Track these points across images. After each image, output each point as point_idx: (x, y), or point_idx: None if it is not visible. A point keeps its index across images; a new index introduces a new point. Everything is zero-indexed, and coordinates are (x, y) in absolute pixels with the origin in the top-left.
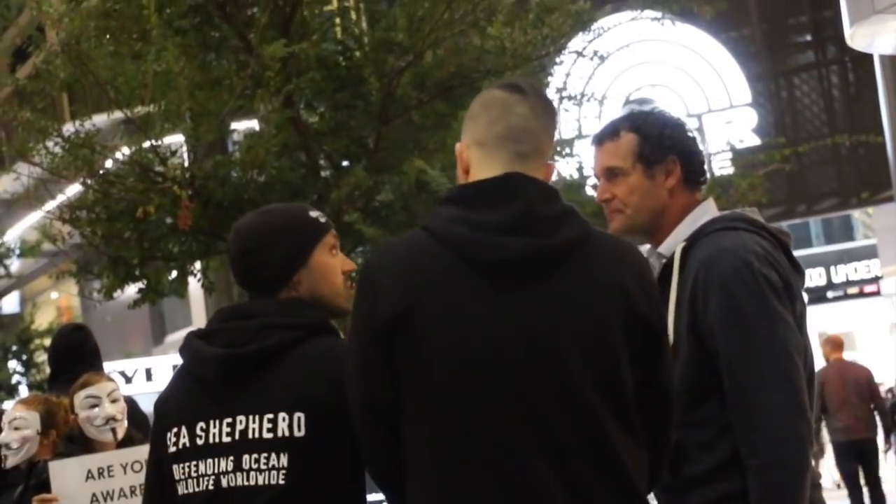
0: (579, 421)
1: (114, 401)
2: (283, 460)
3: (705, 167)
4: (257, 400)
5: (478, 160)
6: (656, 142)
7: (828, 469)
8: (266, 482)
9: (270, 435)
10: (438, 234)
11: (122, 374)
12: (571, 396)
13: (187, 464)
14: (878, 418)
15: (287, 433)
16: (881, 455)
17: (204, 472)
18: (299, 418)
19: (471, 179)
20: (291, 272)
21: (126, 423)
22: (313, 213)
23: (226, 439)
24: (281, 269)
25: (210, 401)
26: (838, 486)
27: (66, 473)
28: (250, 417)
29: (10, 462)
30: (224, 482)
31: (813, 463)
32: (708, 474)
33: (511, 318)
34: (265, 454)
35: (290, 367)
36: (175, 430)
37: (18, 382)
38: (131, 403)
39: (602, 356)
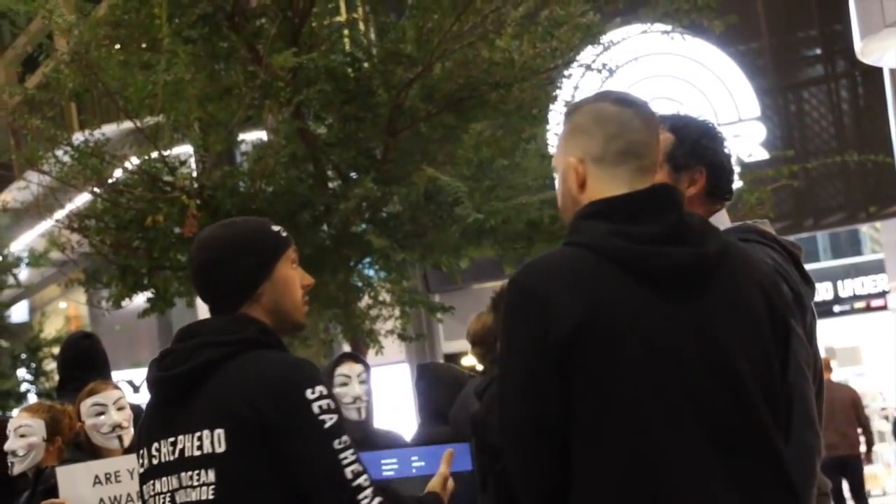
0: (752, 425)
1: (120, 408)
2: (211, 476)
3: (732, 185)
4: (189, 419)
5: (597, 176)
6: (689, 148)
7: None
8: (199, 498)
9: (199, 452)
10: (598, 249)
11: (131, 383)
12: (744, 402)
13: (148, 483)
14: (862, 437)
15: (210, 450)
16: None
17: (160, 491)
18: (219, 434)
19: (590, 195)
20: (256, 284)
21: (133, 430)
22: (275, 227)
23: (170, 458)
24: (245, 281)
25: (159, 422)
26: None
27: (73, 478)
28: (185, 436)
29: (17, 469)
30: (177, 499)
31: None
32: None
33: (684, 328)
34: (196, 471)
35: (215, 385)
36: (142, 451)
37: (27, 391)
38: (139, 412)
39: (761, 358)
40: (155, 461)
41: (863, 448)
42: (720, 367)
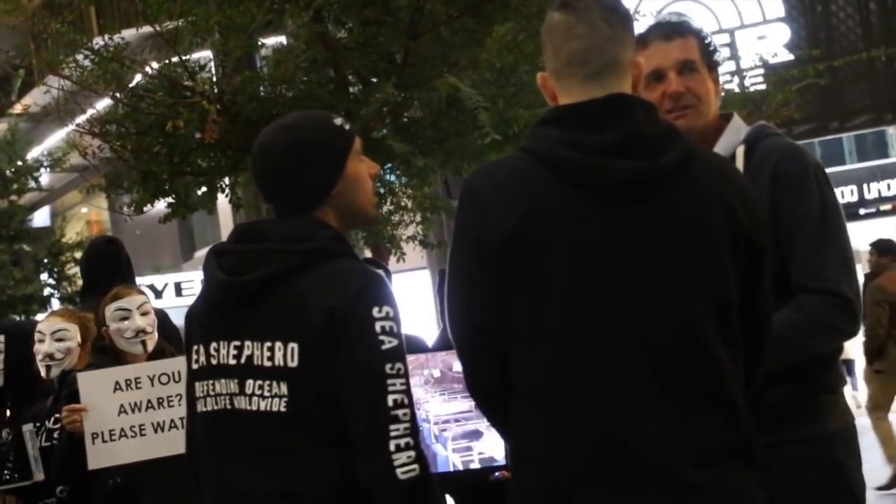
0: (688, 340)
1: (144, 313)
2: (284, 388)
3: None
4: (259, 326)
5: (559, 90)
6: (711, 50)
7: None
8: (269, 409)
9: (270, 363)
10: (544, 157)
11: (152, 288)
12: (682, 317)
13: (205, 382)
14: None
15: (282, 363)
16: None
17: (220, 392)
18: (293, 349)
19: None
20: (331, 186)
21: (156, 335)
22: (337, 121)
23: (232, 362)
24: (320, 185)
25: (221, 322)
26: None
27: (94, 384)
28: (254, 344)
29: (53, 372)
30: (237, 403)
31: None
32: (787, 371)
33: (622, 240)
34: (267, 382)
35: (288, 296)
36: (196, 347)
37: (50, 295)
38: (163, 316)
39: (711, 275)
40: (214, 361)
41: None
42: (660, 284)
